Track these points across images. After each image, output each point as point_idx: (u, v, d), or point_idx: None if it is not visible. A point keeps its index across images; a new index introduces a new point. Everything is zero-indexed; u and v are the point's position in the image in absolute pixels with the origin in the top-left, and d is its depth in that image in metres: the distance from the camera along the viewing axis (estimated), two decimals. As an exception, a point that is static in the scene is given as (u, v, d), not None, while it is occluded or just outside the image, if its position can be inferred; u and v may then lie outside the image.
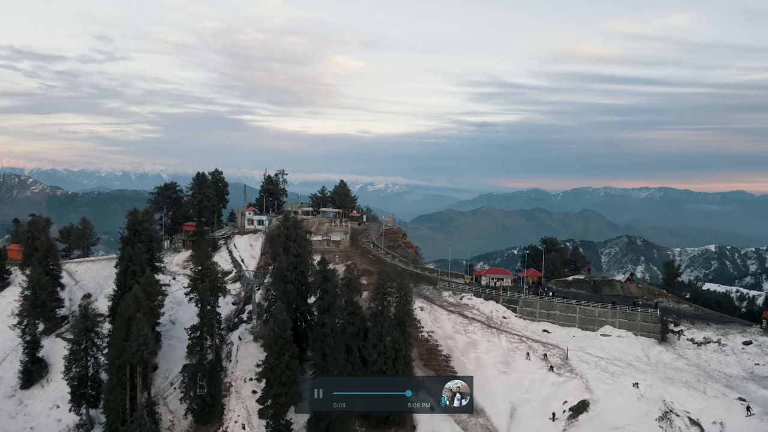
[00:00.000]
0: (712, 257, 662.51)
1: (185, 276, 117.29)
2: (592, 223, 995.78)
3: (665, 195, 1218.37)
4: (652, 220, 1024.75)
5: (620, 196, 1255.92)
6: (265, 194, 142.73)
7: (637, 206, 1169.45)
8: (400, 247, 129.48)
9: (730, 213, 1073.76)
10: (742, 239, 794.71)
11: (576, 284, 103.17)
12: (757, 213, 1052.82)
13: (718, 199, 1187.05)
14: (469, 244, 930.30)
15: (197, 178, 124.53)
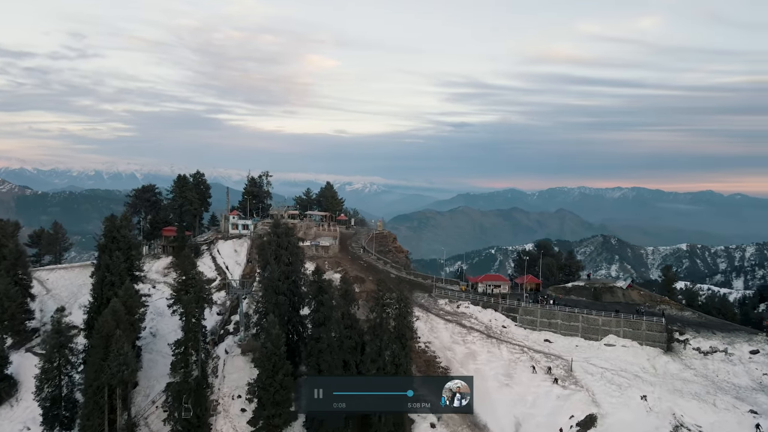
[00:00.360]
0: (684, 256, 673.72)
1: (166, 284, 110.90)
2: (567, 222, 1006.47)
3: (638, 195, 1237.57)
4: (625, 219, 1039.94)
5: (594, 195, 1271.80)
6: (248, 197, 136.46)
7: (610, 206, 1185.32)
8: (391, 252, 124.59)
9: (699, 212, 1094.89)
10: (711, 238, 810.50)
11: (576, 291, 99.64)
12: (726, 212, 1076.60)
13: (688, 198, 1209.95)
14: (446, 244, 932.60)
15: (178, 181, 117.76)
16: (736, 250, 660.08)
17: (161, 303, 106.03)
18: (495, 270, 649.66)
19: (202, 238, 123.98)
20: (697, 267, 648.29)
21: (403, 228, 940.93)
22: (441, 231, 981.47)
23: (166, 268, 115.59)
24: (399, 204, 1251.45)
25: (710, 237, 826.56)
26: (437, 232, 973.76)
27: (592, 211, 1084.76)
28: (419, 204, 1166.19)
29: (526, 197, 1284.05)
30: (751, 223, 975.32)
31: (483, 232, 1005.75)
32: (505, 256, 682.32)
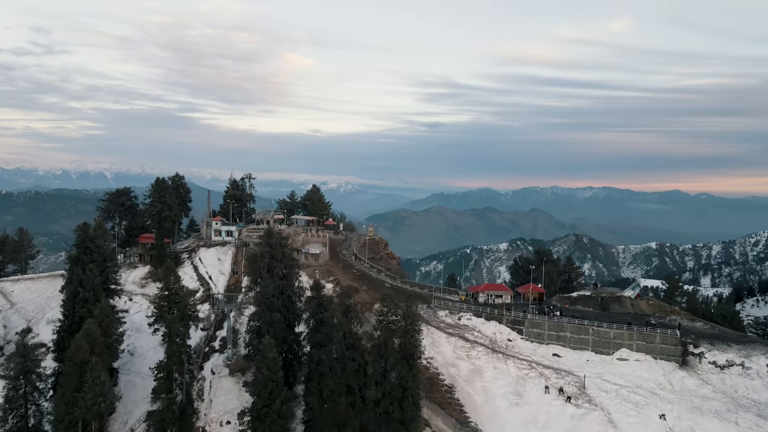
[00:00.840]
0: (653, 254, 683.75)
1: (144, 297, 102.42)
2: (540, 221, 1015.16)
3: (608, 194, 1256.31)
4: (596, 218, 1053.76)
5: (566, 195, 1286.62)
6: (231, 201, 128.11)
7: (582, 205, 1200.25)
8: (383, 259, 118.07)
9: (667, 211, 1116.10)
10: (679, 236, 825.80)
11: (582, 301, 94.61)
12: (692, 211, 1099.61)
13: (656, 198, 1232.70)
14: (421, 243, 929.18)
15: (156, 185, 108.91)
16: (703, 249, 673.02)
17: (139, 317, 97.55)
18: (470, 269, 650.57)
19: (182, 246, 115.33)
20: (666, 265, 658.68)
21: (378, 228, 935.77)
22: (416, 230, 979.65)
23: (143, 279, 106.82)
24: (374, 204, 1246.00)
25: (678, 235, 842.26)
26: (412, 231, 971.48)
27: (564, 211, 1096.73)
28: (394, 204, 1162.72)
29: (500, 197, 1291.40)
30: (716, 222, 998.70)
31: (457, 231, 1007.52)
32: (480, 256, 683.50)
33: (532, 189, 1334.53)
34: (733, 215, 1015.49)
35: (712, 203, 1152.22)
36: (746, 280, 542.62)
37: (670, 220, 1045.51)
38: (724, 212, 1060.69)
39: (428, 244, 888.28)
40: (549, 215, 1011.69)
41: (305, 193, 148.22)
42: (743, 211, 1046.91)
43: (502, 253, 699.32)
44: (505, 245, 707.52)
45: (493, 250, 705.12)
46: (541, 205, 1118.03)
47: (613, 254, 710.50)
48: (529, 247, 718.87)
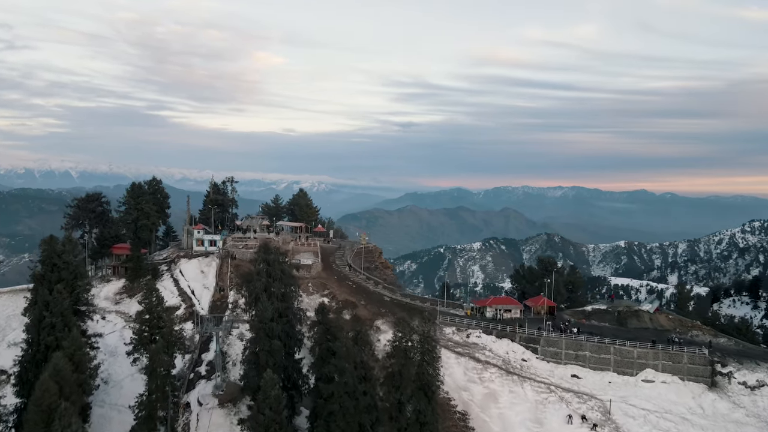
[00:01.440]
0: (622, 253, 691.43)
1: (119, 314, 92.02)
2: (512, 220, 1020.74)
3: (577, 194, 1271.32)
4: (566, 217, 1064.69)
5: (537, 194, 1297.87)
6: (212, 206, 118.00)
7: (552, 204, 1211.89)
8: (378, 269, 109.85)
9: (634, 210, 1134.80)
10: (645, 235, 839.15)
11: (597, 315, 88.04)
12: (658, 210, 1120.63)
13: (623, 197, 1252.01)
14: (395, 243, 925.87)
15: (132, 190, 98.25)
16: (669, 247, 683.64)
17: (114, 339, 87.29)
18: (444, 269, 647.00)
19: (160, 257, 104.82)
20: (635, 263, 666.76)
21: (351, 227, 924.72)
22: (390, 230, 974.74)
23: (118, 294, 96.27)
24: (347, 203, 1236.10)
25: (644, 234, 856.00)
26: (386, 231, 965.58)
27: (535, 210, 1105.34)
28: (367, 203, 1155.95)
29: (472, 196, 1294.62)
30: (680, 221, 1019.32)
31: (431, 230, 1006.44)
32: (454, 255, 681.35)
33: (504, 188, 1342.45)
34: (696, 214, 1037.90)
35: (676, 202, 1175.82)
36: (711, 277, 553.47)
37: (636, 218, 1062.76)
38: (688, 211, 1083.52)
39: (402, 244, 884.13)
40: (520, 214, 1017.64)
41: (291, 197, 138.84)
42: (706, 210, 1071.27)
43: (475, 252, 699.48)
44: (479, 244, 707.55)
45: (467, 250, 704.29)
46: (513, 205, 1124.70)
47: (584, 253, 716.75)
48: (502, 247, 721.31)
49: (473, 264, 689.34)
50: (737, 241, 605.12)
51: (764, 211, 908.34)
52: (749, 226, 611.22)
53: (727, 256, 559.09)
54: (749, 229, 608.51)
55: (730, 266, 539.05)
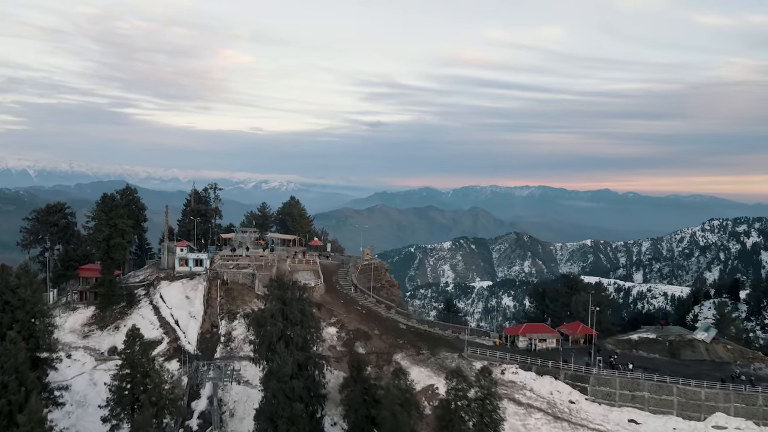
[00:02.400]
0: (589, 251, 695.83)
1: (87, 351, 76.52)
2: (480, 219, 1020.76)
3: (543, 193, 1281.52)
4: (532, 216, 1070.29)
5: (504, 194, 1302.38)
6: (194, 216, 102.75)
7: (519, 203, 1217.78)
8: (385, 288, 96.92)
9: (598, 209, 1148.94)
10: (609, 233, 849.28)
11: (645, 345, 76.99)
12: (621, 209, 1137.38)
13: (588, 196, 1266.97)
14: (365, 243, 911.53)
15: (104, 203, 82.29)
16: (633, 245, 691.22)
17: (82, 384, 71.76)
18: (415, 268, 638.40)
19: (136, 279, 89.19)
20: (601, 262, 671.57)
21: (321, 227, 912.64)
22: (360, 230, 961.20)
23: (86, 325, 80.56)
24: (316, 203, 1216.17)
25: (607, 232, 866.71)
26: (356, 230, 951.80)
27: (503, 209, 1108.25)
28: (337, 202, 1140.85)
29: (441, 195, 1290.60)
30: (642, 219, 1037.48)
31: (401, 230, 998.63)
32: (424, 255, 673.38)
33: (472, 188, 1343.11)
34: (657, 213, 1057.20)
35: (638, 201, 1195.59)
36: (675, 275, 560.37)
37: (600, 217, 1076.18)
38: (649, 210, 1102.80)
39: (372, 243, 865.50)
40: (488, 213, 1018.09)
41: (281, 205, 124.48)
42: (666, 209, 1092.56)
43: (446, 251, 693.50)
44: (449, 244, 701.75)
45: (437, 249, 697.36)
46: (481, 204, 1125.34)
47: (552, 251, 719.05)
48: (472, 246, 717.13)
49: (444, 263, 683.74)
50: (698, 239, 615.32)
51: (722, 210, 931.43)
52: (709, 225, 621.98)
53: (689, 254, 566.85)
54: (709, 227, 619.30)
55: (693, 264, 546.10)
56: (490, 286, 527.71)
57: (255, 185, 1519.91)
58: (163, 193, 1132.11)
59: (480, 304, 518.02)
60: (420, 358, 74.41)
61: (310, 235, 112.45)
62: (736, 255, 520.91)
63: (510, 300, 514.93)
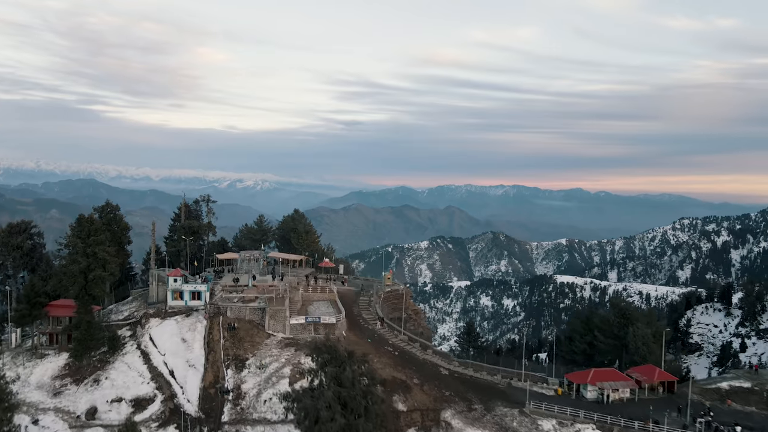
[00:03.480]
0: (564, 250, 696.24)
1: (59, 415, 60.38)
2: (456, 218, 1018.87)
3: (518, 192, 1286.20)
4: (507, 215, 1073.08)
5: (479, 193, 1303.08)
6: (185, 236, 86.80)
7: (494, 202, 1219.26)
8: (411, 319, 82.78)
9: (571, 208, 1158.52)
10: (582, 232, 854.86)
11: (738, 396, 64.39)
12: (593, 208, 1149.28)
13: (561, 195, 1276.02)
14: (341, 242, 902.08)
15: (79, 226, 65.95)
16: (607, 244, 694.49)
17: (53, 462, 56.34)
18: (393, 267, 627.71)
19: (120, 316, 73.08)
20: (576, 260, 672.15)
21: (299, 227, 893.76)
22: (336, 229, 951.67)
23: (58, 378, 64.32)
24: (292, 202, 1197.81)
25: (581, 231, 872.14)
26: (332, 230, 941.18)
27: (478, 208, 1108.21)
28: (313, 201, 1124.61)
29: (417, 195, 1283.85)
30: (614, 218, 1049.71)
31: (377, 229, 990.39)
32: (402, 254, 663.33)
33: (448, 187, 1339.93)
34: (628, 211, 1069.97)
35: (610, 200, 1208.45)
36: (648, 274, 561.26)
37: (573, 216, 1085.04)
38: (620, 208, 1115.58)
39: (348, 242, 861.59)
40: (464, 212, 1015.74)
41: (281, 218, 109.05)
42: (637, 208, 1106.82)
43: (423, 251, 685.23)
44: (426, 243, 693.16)
45: (414, 249, 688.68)
46: (456, 203, 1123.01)
47: (527, 251, 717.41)
48: (449, 245, 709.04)
49: (421, 263, 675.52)
50: (669, 238, 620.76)
51: (690, 209, 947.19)
52: (679, 224, 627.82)
53: (660, 252, 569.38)
54: (679, 226, 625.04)
55: (665, 263, 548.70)
56: (468, 286, 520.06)
57: (229, 184, 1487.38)
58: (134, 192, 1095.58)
59: (458, 304, 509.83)
60: (473, 416, 60.69)
61: (318, 254, 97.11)
62: (708, 254, 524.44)
63: (488, 300, 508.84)
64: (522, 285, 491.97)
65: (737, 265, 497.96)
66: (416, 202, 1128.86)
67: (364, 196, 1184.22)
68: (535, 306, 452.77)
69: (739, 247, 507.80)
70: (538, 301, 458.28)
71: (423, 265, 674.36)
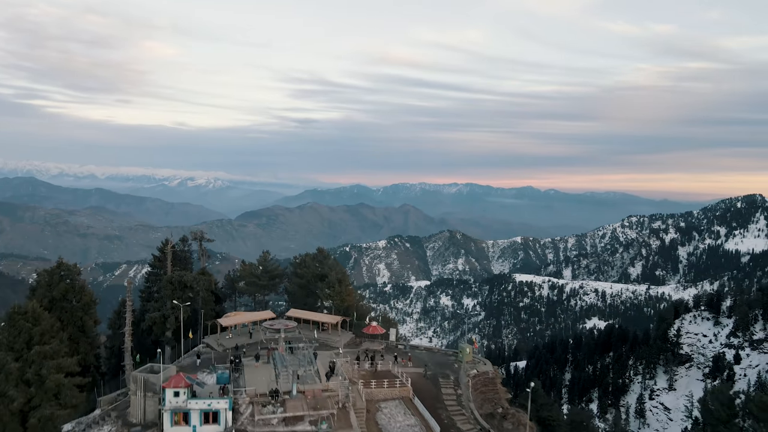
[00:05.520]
0: (519, 248, 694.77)
1: None
2: (411, 216, 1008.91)
3: (471, 190, 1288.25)
4: (461, 212, 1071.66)
5: (434, 191, 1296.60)
6: (178, 300, 57.94)
7: (448, 200, 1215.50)
8: (509, 416, 57.31)
9: (522, 206, 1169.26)
10: (533, 229, 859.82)
11: None
12: (543, 205, 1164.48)
13: (513, 193, 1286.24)
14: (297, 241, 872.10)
15: (12, 325, 36.75)
16: (560, 242, 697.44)
17: None
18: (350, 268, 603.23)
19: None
20: (531, 258, 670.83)
21: (251, 225, 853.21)
22: (290, 228, 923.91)
23: None
24: (245, 200, 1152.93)
25: (532, 228, 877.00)
26: (287, 228, 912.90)
27: (433, 206, 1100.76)
28: (266, 200, 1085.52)
29: (372, 193, 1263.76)
30: (563, 215, 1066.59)
31: (332, 227, 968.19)
32: (359, 254, 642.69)
33: (402, 185, 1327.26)
34: (576, 209, 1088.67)
35: (559, 198, 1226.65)
36: (601, 271, 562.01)
37: (525, 213, 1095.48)
38: (569, 206, 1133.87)
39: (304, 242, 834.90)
40: (419, 210, 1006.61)
41: (291, 259, 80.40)
42: (584, 205, 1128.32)
43: (381, 250, 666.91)
44: (384, 242, 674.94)
45: (372, 248, 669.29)
46: (411, 201, 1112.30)
47: (484, 249, 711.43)
48: (406, 244, 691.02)
49: (379, 263, 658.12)
50: (618, 235, 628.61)
51: (633, 206, 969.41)
52: (627, 222, 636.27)
53: (610, 249, 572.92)
54: (627, 224, 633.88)
55: (617, 260, 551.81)
56: (428, 286, 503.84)
57: (180, 182, 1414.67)
58: (78, 191, 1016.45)
59: (419, 304, 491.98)
60: None
61: (356, 313, 68.80)
62: (657, 251, 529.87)
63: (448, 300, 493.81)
64: (481, 284, 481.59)
65: (684, 262, 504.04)
66: (371, 200, 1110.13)
67: (319, 195, 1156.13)
68: (495, 305, 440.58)
69: (686, 244, 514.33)
70: (498, 301, 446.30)
71: (381, 264, 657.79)
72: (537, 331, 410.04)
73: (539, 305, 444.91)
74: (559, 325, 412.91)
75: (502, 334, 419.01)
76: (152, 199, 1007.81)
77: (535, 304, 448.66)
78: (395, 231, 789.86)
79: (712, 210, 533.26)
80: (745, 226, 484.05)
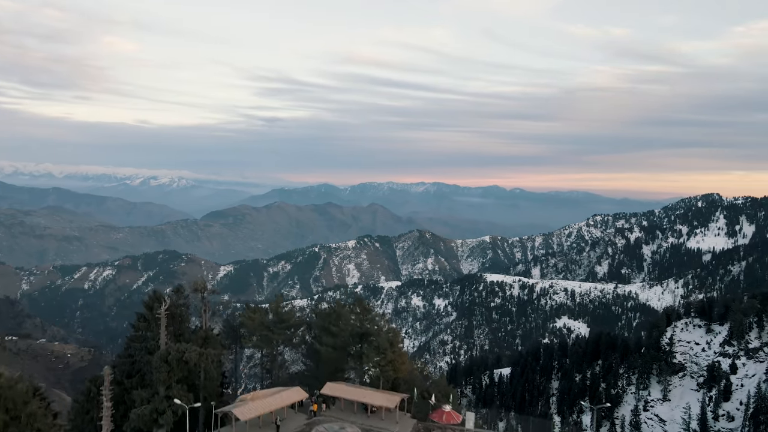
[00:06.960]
0: (488, 247, 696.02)
1: None
2: (379, 216, 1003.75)
3: (438, 189, 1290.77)
4: (429, 211, 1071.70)
5: (401, 190, 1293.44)
6: (185, 393, 42.64)
7: (416, 199, 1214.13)
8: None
9: (488, 204, 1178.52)
10: (499, 228, 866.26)
11: None
12: (508, 204, 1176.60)
13: (479, 192, 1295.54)
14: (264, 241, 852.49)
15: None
16: (527, 241, 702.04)
17: None
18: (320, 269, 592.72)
19: None
20: (499, 257, 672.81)
21: (217, 225, 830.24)
22: (258, 227, 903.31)
23: None
24: (211, 199, 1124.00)
25: (498, 227, 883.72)
26: (254, 228, 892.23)
27: (400, 205, 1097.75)
28: (233, 199, 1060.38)
29: (340, 192, 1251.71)
30: (528, 213, 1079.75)
31: (300, 227, 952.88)
32: (329, 254, 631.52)
33: (370, 184, 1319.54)
34: (541, 207, 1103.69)
35: (524, 197, 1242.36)
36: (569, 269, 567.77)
37: (491, 212, 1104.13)
38: (533, 205, 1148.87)
39: (271, 242, 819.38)
40: (387, 209, 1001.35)
41: (318, 307, 65.37)
42: (548, 204, 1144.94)
43: (350, 251, 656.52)
44: (353, 243, 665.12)
45: (342, 248, 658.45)
46: (379, 200, 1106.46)
47: (453, 248, 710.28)
48: (376, 244, 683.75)
49: (349, 263, 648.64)
50: (584, 234, 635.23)
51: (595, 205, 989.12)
52: (592, 221, 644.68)
53: (576, 248, 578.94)
54: (592, 223, 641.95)
55: (584, 258, 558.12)
56: (399, 287, 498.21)
57: (142, 181, 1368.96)
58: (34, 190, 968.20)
59: (390, 305, 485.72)
60: None
61: (415, 385, 46.69)
62: (622, 249, 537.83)
63: (419, 300, 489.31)
64: (452, 284, 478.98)
65: (648, 260, 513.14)
66: (339, 199, 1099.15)
67: (287, 194, 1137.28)
68: (466, 306, 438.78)
69: (650, 242, 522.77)
70: (469, 301, 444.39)
71: (351, 264, 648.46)
72: (508, 330, 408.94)
73: (510, 305, 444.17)
74: (530, 324, 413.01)
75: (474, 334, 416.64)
76: (113, 199, 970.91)
77: (506, 304, 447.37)
78: (364, 230, 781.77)
79: (673, 209, 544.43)
80: (706, 225, 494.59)
